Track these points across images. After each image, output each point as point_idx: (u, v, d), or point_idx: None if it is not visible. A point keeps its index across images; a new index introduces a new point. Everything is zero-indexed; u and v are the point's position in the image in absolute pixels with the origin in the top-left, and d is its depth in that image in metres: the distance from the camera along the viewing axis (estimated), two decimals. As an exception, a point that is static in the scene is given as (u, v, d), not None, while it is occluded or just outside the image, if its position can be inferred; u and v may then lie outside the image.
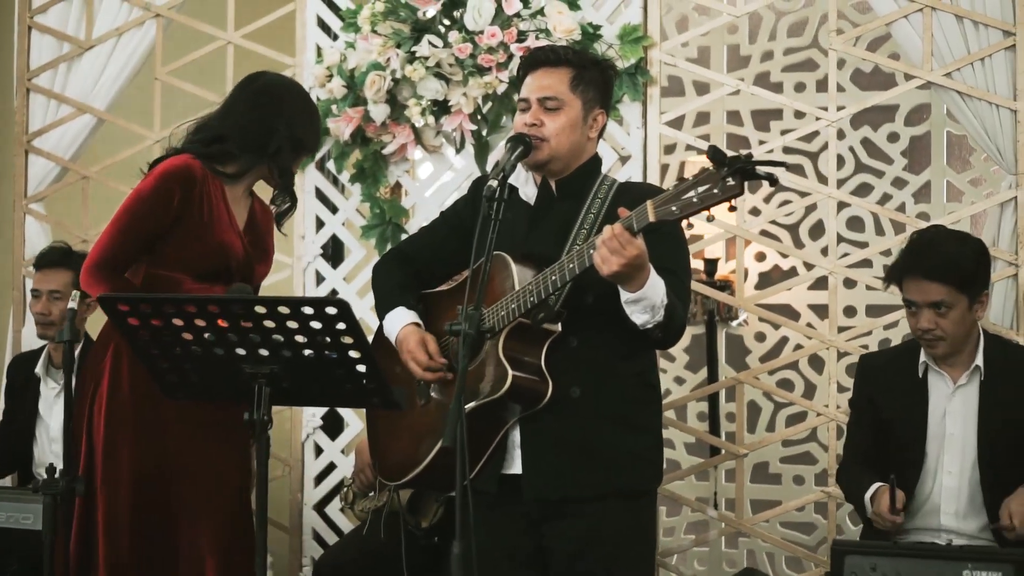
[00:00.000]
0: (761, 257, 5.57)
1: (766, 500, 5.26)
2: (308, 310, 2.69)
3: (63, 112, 5.01)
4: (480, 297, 2.81)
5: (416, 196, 4.66)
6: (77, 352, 4.16)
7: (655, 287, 2.84)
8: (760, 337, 5.50)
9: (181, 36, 4.96)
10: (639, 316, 2.88)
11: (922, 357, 3.57)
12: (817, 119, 4.35)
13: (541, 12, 4.27)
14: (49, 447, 4.44)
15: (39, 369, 4.51)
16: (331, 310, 2.68)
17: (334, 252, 4.90)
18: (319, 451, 4.70)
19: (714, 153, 2.62)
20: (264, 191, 3.65)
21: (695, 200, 2.67)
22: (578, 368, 3.01)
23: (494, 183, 2.90)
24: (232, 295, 3.13)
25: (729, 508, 5.29)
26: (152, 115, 4.91)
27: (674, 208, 2.69)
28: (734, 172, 2.61)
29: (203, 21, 4.87)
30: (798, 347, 5.10)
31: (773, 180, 2.63)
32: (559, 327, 2.99)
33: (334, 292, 4.68)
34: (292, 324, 2.72)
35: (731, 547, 5.48)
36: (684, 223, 3.05)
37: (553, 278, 2.89)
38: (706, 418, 5.47)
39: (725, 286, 5.31)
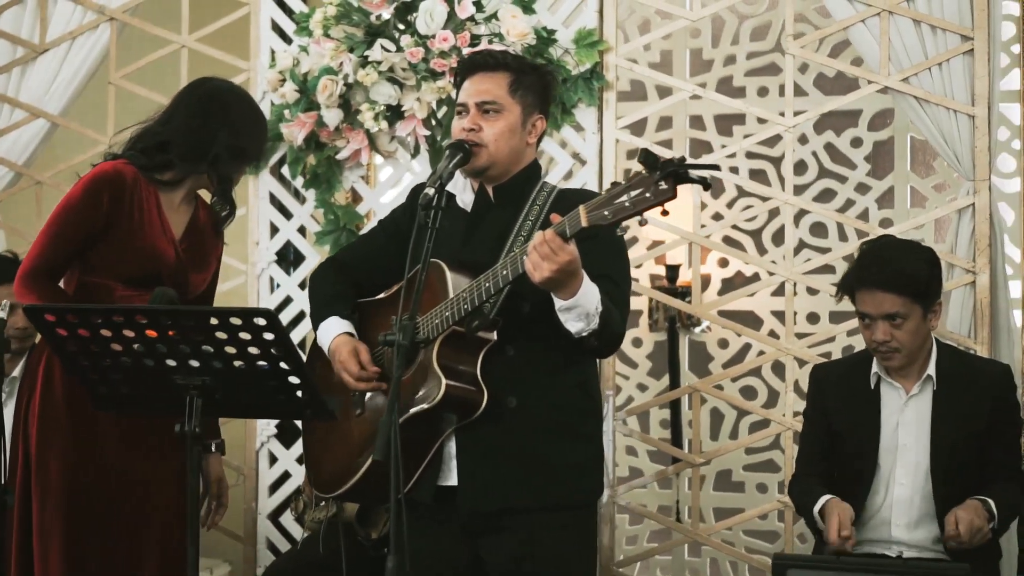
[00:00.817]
0: (724, 263, 5.53)
1: (729, 508, 5.22)
2: (236, 320, 2.64)
3: (17, 117, 4.93)
4: (415, 307, 2.76)
5: (372, 202, 4.60)
6: (23, 362, 4.18)
7: (588, 294, 2.79)
8: (723, 344, 5.46)
9: (135, 40, 4.91)
10: (573, 324, 2.83)
11: (874, 368, 3.53)
12: (774, 124, 4.30)
13: (495, 16, 4.22)
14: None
15: None
16: (259, 320, 2.63)
17: (291, 258, 4.84)
18: (273, 460, 4.65)
19: (646, 157, 2.57)
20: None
21: (627, 204, 2.61)
22: (515, 377, 2.95)
23: (430, 191, 2.86)
24: (159, 305, 3.05)
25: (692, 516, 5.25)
26: (106, 120, 4.85)
27: (606, 213, 2.64)
28: (666, 176, 2.56)
29: (157, 25, 4.81)
30: (761, 354, 5.06)
31: (706, 184, 2.57)
32: (495, 336, 2.93)
33: (288, 299, 4.63)
34: (221, 335, 2.67)
35: (694, 555, 5.43)
36: (632, 228, 3.00)
37: (487, 285, 2.84)
38: (669, 425, 5.43)
39: (688, 292, 5.27)
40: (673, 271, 5.34)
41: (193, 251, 3.40)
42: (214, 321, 2.66)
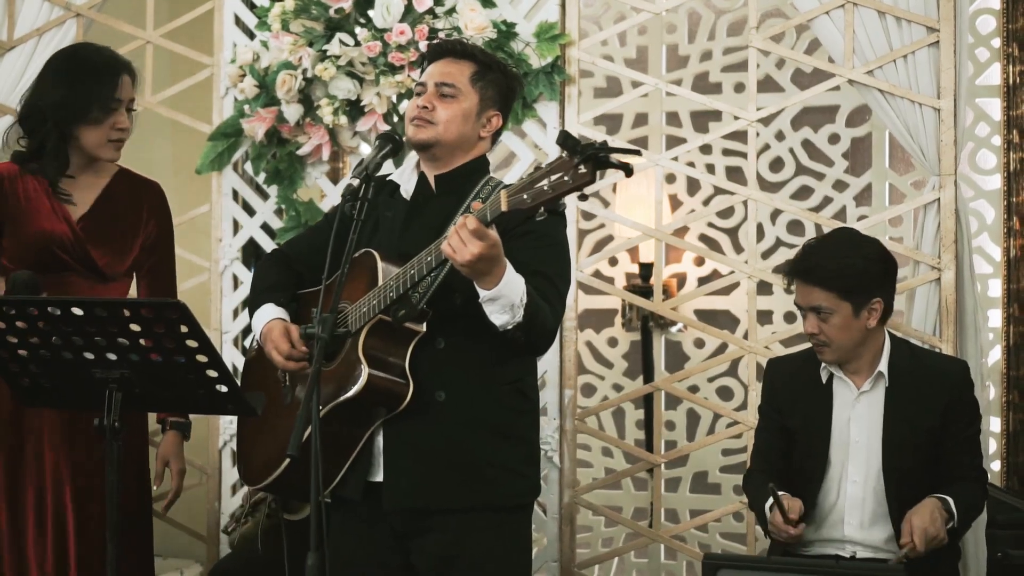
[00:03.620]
0: (700, 261, 5.45)
1: (705, 510, 5.13)
2: (148, 312, 2.61)
3: (-15, 113, 4.93)
4: (336, 300, 2.71)
5: (335, 198, 4.56)
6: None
7: (511, 285, 2.73)
8: (699, 343, 5.39)
9: (101, 36, 4.86)
10: (498, 316, 2.76)
11: (824, 364, 3.45)
12: (736, 119, 4.23)
13: (453, 10, 4.17)
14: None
15: None
16: (171, 313, 2.59)
17: (252, 255, 4.80)
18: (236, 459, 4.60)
19: (564, 140, 2.51)
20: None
21: (546, 189, 2.55)
22: (444, 371, 2.90)
23: (355, 181, 2.83)
24: (63, 298, 3.00)
25: (669, 518, 5.19)
26: (73, 116, 4.82)
27: (525, 197, 2.58)
28: (586, 160, 2.50)
29: (123, 20, 4.79)
30: (722, 352, 4.98)
31: (628, 171, 2.51)
32: (424, 327, 2.88)
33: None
34: (135, 327, 2.64)
35: (670, 559, 5.36)
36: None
37: (411, 272, 2.79)
38: (643, 426, 5.36)
39: (663, 291, 5.19)
40: (647, 269, 5.26)
41: (99, 226, 3.37)
42: (126, 313, 2.63)
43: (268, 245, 4.63)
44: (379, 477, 2.94)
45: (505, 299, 2.73)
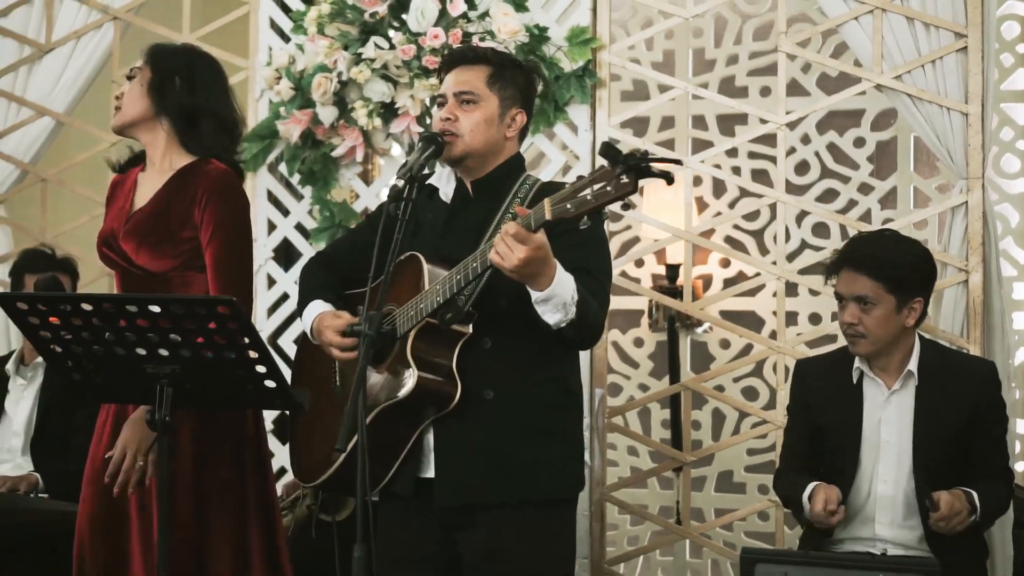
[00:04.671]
0: (726, 263, 5.51)
1: (730, 510, 5.18)
2: (201, 309, 2.67)
3: (23, 115, 5.01)
4: (382, 298, 2.78)
5: (368, 199, 4.63)
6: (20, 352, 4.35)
7: (563, 284, 2.80)
8: (725, 344, 5.44)
9: (138, 39, 4.93)
10: (551, 315, 2.83)
11: (856, 363, 3.51)
12: (764, 122, 4.29)
13: (487, 14, 4.24)
14: (8, 442, 4.44)
15: (10, 366, 4.51)
16: (223, 309, 2.66)
17: (286, 255, 4.87)
18: (270, 455, 4.66)
19: (606, 150, 2.57)
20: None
21: (589, 198, 2.62)
22: (492, 370, 2.96)
23: (399, 182, 2.89)
24: (116, 294, 3.07)
25: (695, 517, 5.23)
26: (110, 118, 4.88)
27: (569, 206, 2.64)
28: (628, 170, 2.56)
29: (159, 24, 4.86)
30: (749, 352, 5.03)
31: (669, 179, 2.57)
32: (470, 329, 2.94)
33: (285, 296, 4.66)
34: (188, 324, 2.70)
35: (696, 557, 5.41)
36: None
37: (457, 277, 2.86)
38: (669, 425, 5.41)
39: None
40: (673, 270, 5.32)
41: (141, 220, 3.30)
42: (179, 310, 2.69)
43: (302, 245, 4.70)
44: (429, 473, 3.00)
45: (557, 298, 2.80)
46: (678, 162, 2.65)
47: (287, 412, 4.21)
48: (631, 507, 4.53)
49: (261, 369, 2.78)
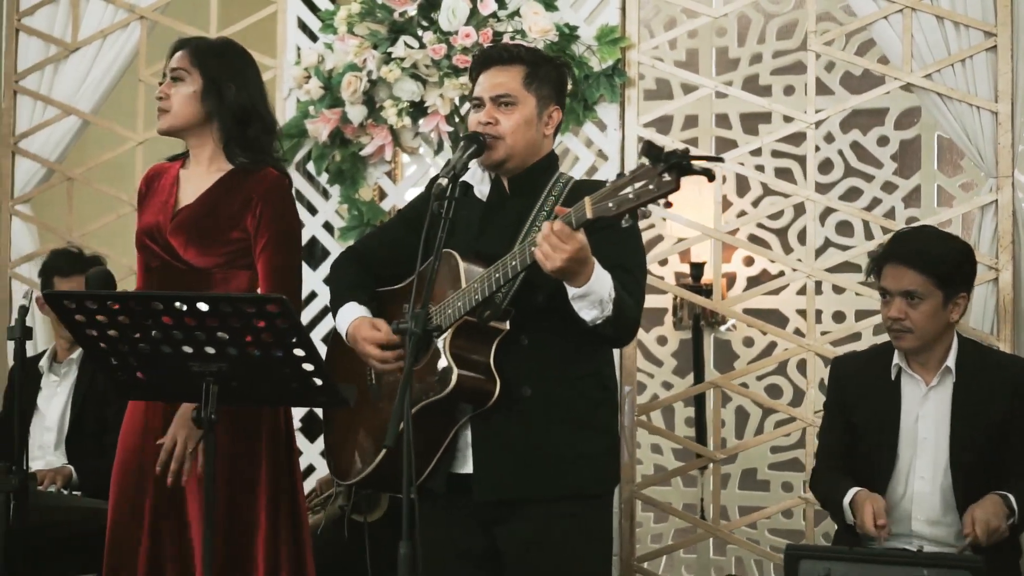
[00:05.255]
0: (749, 261, 5.52)
1: (754, 507, 5.21)
2: (250, 308, 2.68)
3: (49, 114, 5.02)
4: (427, 295, 2.78)
5: (396, 198, 4.64)
6: (80, 350, 4.33)
7: (600, 281, 2.81)
8: (748, 342, 5.46)
9: (165, 38, 4.93)
10: (588, 312, 2.85)
11: (895, 359, 3.51)
12: (794, 121, 4.30)
13: (517, 13, 4.25)
14: (41, 438, 4.46)
15: (43, 363, 4.53)
16: (272, 308, 2.67)
17: (314, 254, 4.88)
18: (298, 453, 4.67)
19: (648, 149, 2.58)
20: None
21: (631, 196, 2.63)
22: (529, 367, 2.97)
23: (443, 181, 2.89)
24: (166, 292, 3.07)
25: (721, 514, 5.24)
26: (136, 117, 4.92)
27: (611, 204, 2.66)
28: (670, 168, 2.57)
29: (186, 23, 4.87)
30: (783, 350, 5.03)
31: (711, 176, 2.58)
32: (507, 326, 2.96)
33: (314, 294, 4.67)
34: (236, 322, 2.71)
35: (719, 554, 5.43)
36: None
37: (497, 275, 2.87)
38: (693, 423, 5.42)
39: (711, 290, 5.26)
40: (698, 269, 5.34)
41: (191, 216, 3.33)
42: (228, 308, 2.70)
43: (330, 243, 4.71)
44: (466, 469, 3.02)
45: (595, 295, 2.81)
46: (720, 159, 2.66)
47: (317, 410, 4.28)
48: (662, 505, 4.54)
49: (308, 367, 2.79)
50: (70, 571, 3.88)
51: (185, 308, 2.71)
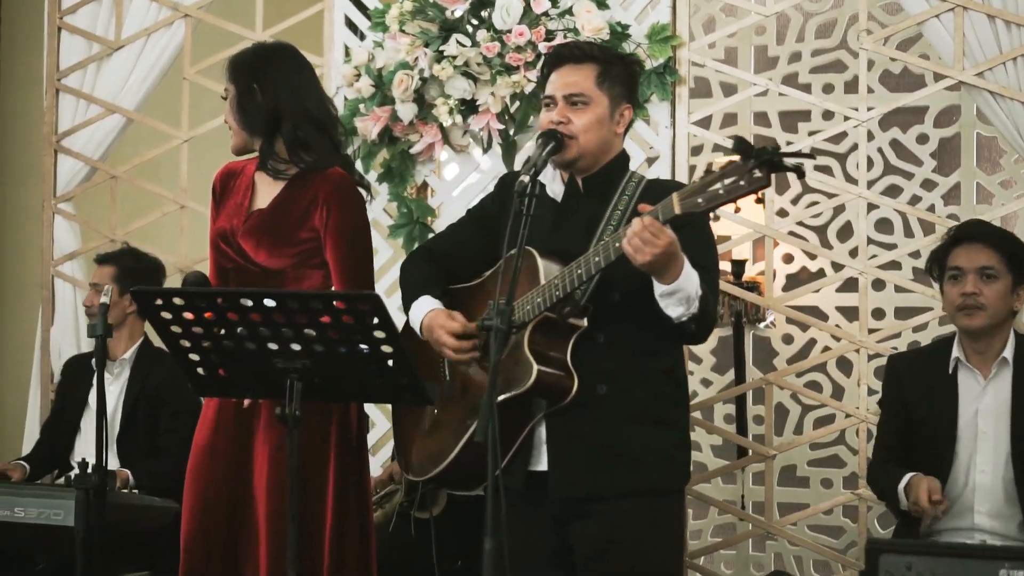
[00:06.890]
0: (789, 259, 5.54)
1: (794, 503, 5.22)
2: (339, 304, 2.70)
3: (92, 112, 5.03)
4: (512, 291, 2.80)
5: (443, 195, 4.66)
6: (133, 349, 4.46)
7: (690, 278, 2.83)
8: (787, 339, 5.47)
9: (209, 36, 4.97)
10: (674, 309, 2.86)
11: (953, 352, 3.54)
12: (846, 119, 4.33)
13: (569, 11, 4.27)
14: (91, 435, 4.46)
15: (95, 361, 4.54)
16: (363, 305, 2.69)
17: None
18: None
19: (740, 145, 2.60)
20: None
21: (721, 192, 2.65)
22: (605, 365, 2.99)
23: (525, 178, 2.90)
24: (255, 289, 3.09)
25: (756, 511, 5.25)
26: (180, 115, 4.93)
27: (700, 200, 2.68)
28: (761, 164, 2.59)
29: (231, 21, 4.88)
30: (826, 349, 5.06)
31: (800, 172, 2.60)
32: (585, 322, 2.98)
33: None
34: (324, 319, 2.73)
35: (758, 550, 5.44)
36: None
37: (579, 272, 2.88)
38: (733, 420, 5.44)
39: (753, 287, 5.29)
40: (739, 266, 5.36)
41: (261, 219, 3.36)
42: (318, 305, 2.72)
43: (377, 241, 4.71)
44: (542, 466, 3.04)
45: (683, 292, 2.83)
46: (811, 156, 2.69)
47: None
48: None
49: (392, 364, 2.80)
50: (131, 568, 3.90)
51: (275, 304, 2.73)
